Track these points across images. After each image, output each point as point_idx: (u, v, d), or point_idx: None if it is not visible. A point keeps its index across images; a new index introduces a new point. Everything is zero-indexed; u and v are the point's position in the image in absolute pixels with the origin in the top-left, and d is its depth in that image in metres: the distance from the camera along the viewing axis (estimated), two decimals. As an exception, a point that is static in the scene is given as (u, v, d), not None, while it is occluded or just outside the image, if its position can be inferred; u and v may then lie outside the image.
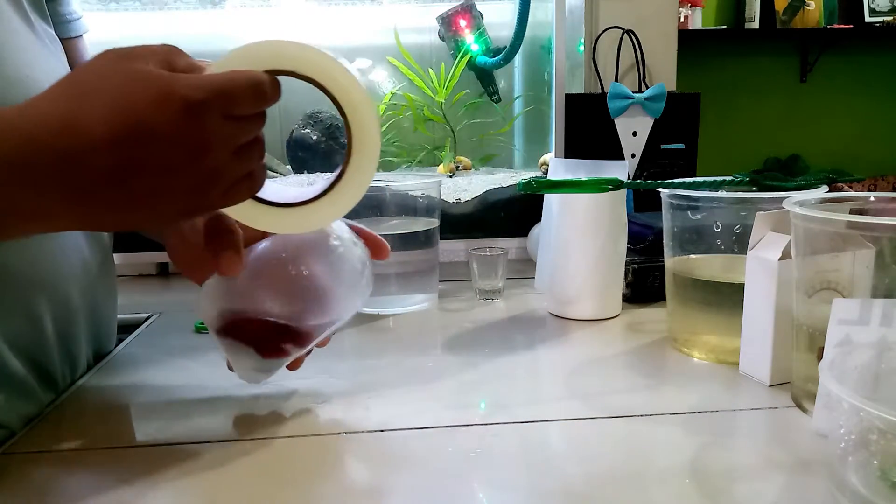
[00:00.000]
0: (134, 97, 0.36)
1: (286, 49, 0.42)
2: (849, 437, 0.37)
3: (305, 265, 0.49)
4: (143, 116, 0.35)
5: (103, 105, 0.35)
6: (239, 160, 0.40)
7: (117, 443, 0.48)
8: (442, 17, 1.22)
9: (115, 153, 0.35)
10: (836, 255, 0.48)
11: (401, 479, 0.43)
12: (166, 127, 0.36)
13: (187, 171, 0.37)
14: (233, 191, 0.40)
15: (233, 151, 0.39)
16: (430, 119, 1.23)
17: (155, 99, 0.36)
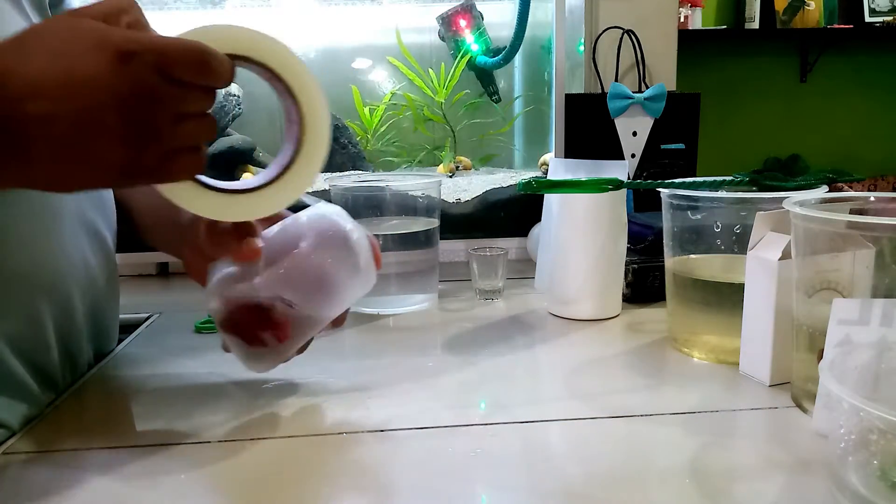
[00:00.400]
0: (70, 45, 0.36)
1: (241, 34, 0.42)
2: (849, 437, 0.37)
3: (322, 254, 0.49)
4: (76, 63, 0.36)
5: (40, 54, 0.36)
6: (181, 129, 0.39)
7: (117, 443, 0.48)
8: (442, 17, 1.22)
9: (47, 99, 0.35)
10: (836, 255, 0.48)
11: (401, 479, 0.43)
12: (97, 73, 0.36)
13: (118, 120, 0.36)
14: (173, 160, 0.40)
15: (173, 116, 0.39)
16: (430, 119, 1.23)
17: (90, 47, 0.36)
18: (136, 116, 0.37)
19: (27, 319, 0.52)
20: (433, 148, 1.28)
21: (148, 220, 0.66)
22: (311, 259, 0.49)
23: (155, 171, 0.40)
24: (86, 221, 0.58)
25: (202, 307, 0.48)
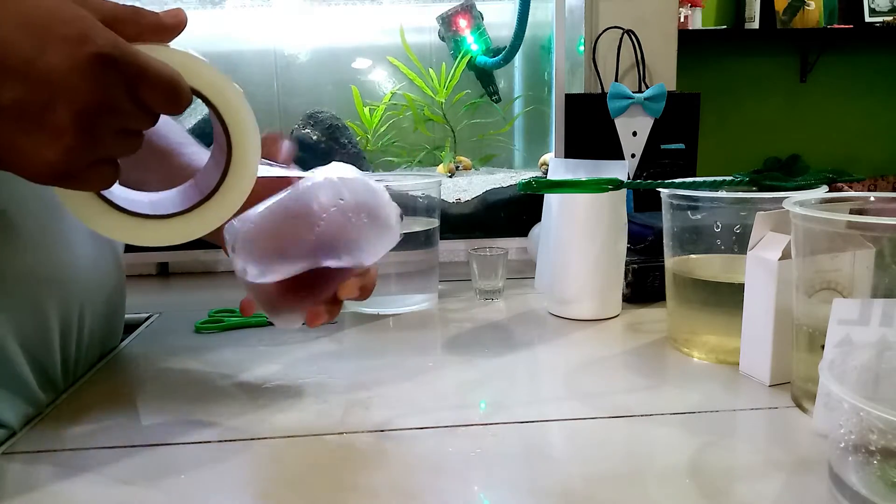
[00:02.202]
0: (49, 26, 0.34)
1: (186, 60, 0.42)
2: (849, 437, 0.37)
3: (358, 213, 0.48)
4: (50, 47, 0.34)
5: (14, 23, 0.34)
6: (116, 143, 0.38)
7: (117, 443, 0.48)
8: (442, 17, 1.22)
9: (3, 71, 0.34)
10: (836, 255, 0.48)
11: (401, 478, 0.43)
12: (67, 66, 0.34)
13: (67, 119, 0.35)
14: (96, 170, 0.38)
15: (118, 129, 0.37)
16: (431, 119, 1.23)
17: (70, 37, 0.34)
18: (87, 122, 0.35)
19: (34, 319, 0.52)
20: (433, 148, 1.28)
21: None
22: (349, 219, 0.48)
23: (75, 177, 0.38)
24: None
25: (202, 307, 0.48)
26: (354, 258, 0.49)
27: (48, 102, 0.34)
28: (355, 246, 0.48)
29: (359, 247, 0.48)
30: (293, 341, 0.69)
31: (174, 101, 0.38)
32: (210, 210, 0.45)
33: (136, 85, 0.36)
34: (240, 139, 0.44)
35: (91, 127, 0.36)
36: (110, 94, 0.35)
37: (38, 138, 0.35)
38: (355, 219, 0.47)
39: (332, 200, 0.47)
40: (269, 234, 0.46)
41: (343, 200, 0.47)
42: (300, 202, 0.47)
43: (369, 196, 0.49)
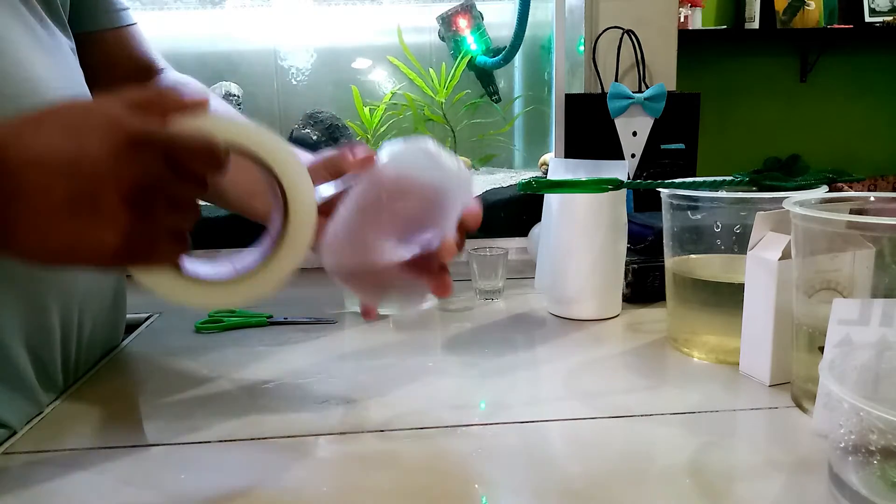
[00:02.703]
0: (83, 123, 0.37)
1: (233, 128, 0.43)
2: (849, 437, 0.37)
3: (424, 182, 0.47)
4: (86, 141, 0.36)
5: (52, 128, 0.37)
6: (172, 214, 0.40)
7: (117, 443, 0.48)
8: (442, 17, 1.22)
9: (48, 171, 0.36)
10: (836, 255, 0.48)
11: (401, 479, 0.43)
12: (104, 154, 0.36)
13: (116, 204, 0.37)
14: (160, 244, 0.40)
15: (168, 203, 0.39)
16: (431, 119, 1.23)
17: (102, 128, 0.37)
18: (136, 200, 0.37)
19: (35, 318, 0.52)
20: (433, 148, 1.28)
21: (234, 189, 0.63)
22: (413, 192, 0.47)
23: (141, 254, 0.40)
24: None
25: (202, 307, 0.48)
26: (439, 222, 0.47)
27: (97, 191, 0.36)
28: (432, 211, 0.47)
29: (437, 211, 0.47)
30: (293, 341, 0.69)
31: (212, 162, 0.40)
32: (273, 266, 0.46)
33: (173, 155, 0.38)
34: (291, 190, 0.45)
35: (141, 205, 0.38)
36: (151, 169, 0.38)
37: (96, 226, 0.37)
38: (414, 186, 0.47)
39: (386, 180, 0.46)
40: (349, 240, 0.46)
41: (394, 175, 0.46)
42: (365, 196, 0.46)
43: (421, 160, 0.47)
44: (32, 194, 0.36)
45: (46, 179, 0.36)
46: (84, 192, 0.36)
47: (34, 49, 0.53)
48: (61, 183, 0.36)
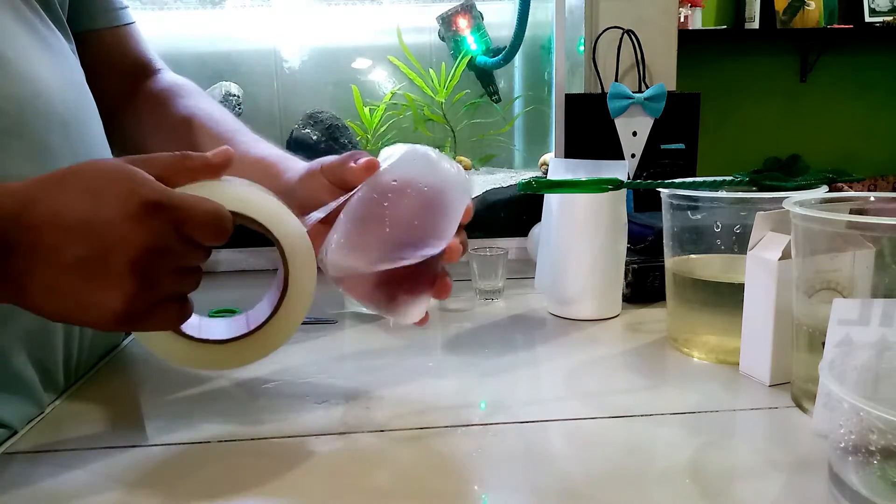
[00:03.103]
0: (101, 187, 0.38)
1: (239, 193, 0.45)
2: (849, 437, 0.37)
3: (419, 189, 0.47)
4: (102, 204, 0.38)
5: (71, 189, 0.38)
6: (176, 281, 0.41)
7: (117, 443, 0.48)
8: (442, 17, 1.22)
9: (63, 231, 0.37)
10: (836, 255, 0.48)
11: (401, 479, 0.43)
12: (118, 219, 0.37)
13: (125, 267, 0.38)
14: (162, 309, 0.41)
15: (174, 268, 0.40)
16: (431, 119, 1.23)
17: (120, 193, 0.38)
18: (143, 266, 0.38)
19: (36, 318, 0.52)
20: (433, 148, 1.28)
21: None
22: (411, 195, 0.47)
23: (141, 320, 0.41)
24: None
25: (202, 307, 0.48)
26: (441, 227, 0.47)
27: (106, 254, 0.38)
28: (434, 216, 0.47)
29: (438, 216, 0.47)
30: (293, 341, 0.68)
31: (218, 233, 0.41)
32: (272, 331, 0.49)
33: (182, 224, 0.40)
34: (292, 257, 0.47)
35: (147, 271, 0.39)
36: (160, 237, 0.39)
37: (101, 289, 0.38)
38: (415, 192, 0.46)
39: (388, 187, 0.46)
40: (350, 247, 0.46)
41: (396, 182, 0.46)
42: (365, 206, 0.47)
43: (422, 166, 0.48)
44: (46, 251, 0.37)
45: (60, 238, 0.37)
46: (95, 255, 0.37)
47: (35, 50, 0.53)
48: (74, 244, 0.37)
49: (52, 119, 0.52)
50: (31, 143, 0.50)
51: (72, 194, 0.38)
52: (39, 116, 0.51)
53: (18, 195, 0.38)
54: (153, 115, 0.66)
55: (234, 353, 0.48)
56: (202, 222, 0.41)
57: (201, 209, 0.41)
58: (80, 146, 0.55)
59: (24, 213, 0.37)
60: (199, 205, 0.41)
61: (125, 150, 0.70)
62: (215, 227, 0.41)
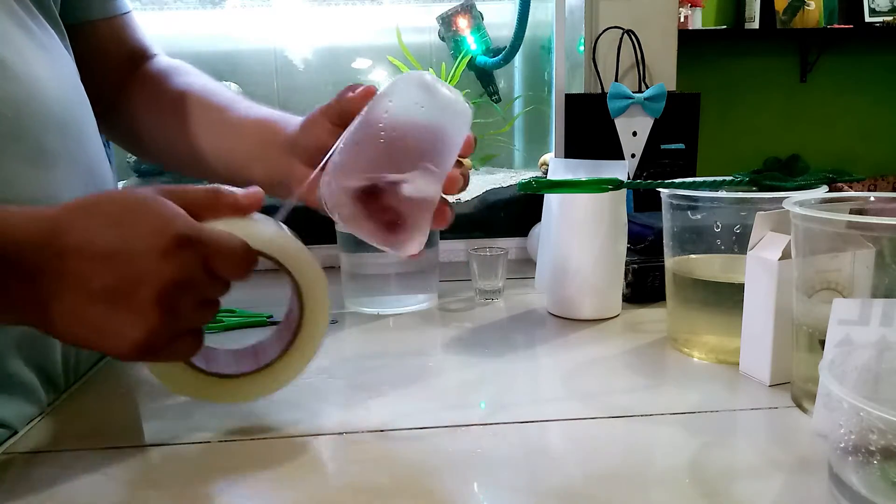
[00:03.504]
0: (132, 218, 0.39)
1: (265, 233, 0.45)
2: (849, 437, 0.37)
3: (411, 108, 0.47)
4: (131, 236, 0.38)
5: (102, 219, 0.39)
6: (196, 313, 0.42)
7: (117, 443, 0.48)
8: (442, 17, 1.22)
9: (91, 260, 0.38)
10: (836, 255, 0.48)
11: (401, 479, 0.43)
12: (147, 252, 0.38)
13: (149, 300, 0.38)
14: (178, 341, 0.41)
15: (196, 302, 0.41)
16: (431, 119, 1.23)
17: (150, 226, 0.38)
18: (168, 299, 0.39)
19: None
20: (433, 148, 1.27)
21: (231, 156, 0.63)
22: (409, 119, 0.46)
23: (160, 350, 0.41)
24: None
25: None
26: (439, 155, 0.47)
27: (133, 286, 0.38)
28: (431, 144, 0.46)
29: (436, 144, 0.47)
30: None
31: (243, 269, 0.42)
32: (284, 366, 0.50)
33: (210, 259, 0.40)
34: (309, 300, 0.48)
35: (172, 304, 0.39)
36: (187, 271, 0.39)
37: (125, 319, 0.38)
38: (412, 114, 0.46)
39: (383, 109, 0.46)
40: (346, 175, 0.45)
41: (391, 103, 0.46)
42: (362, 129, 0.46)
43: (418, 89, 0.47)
44: (73, 279, 0.38)
45: (88, 267, 0.38)
46: (122, 286, 0.38)
47: (30, 49, 0.52)
48: (102, 273, 0.38)
49: (49, 120, 0.52)
50: (28, 146, 0.49)
51: (102, 224, 0.38)
52: (37, 118, 0.50)
53: (48, 221, 0.38)
54: (149, 96, 0.66)
55: (242, 388, 0.50)
56: (229, 258, 0.41)
57: (229, 245, 0.41)
58: (77, 147, 0.55)
59: (54, 240, 0.38)
60: (227, 241, 0.41)
61: (122, 134, 0.70)
62: (241, 263, 0.42)
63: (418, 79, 0.47)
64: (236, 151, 0.61)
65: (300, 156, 0.56)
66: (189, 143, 0.63)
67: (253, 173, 0.60)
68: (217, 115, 0.62)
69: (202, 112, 0.63)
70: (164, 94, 0.65)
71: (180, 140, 0.63)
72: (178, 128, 0.63)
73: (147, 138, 0.67)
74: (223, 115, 0.62)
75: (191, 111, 0.63)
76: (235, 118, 0.61)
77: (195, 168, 0.65)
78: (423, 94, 0.47)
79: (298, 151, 0.56)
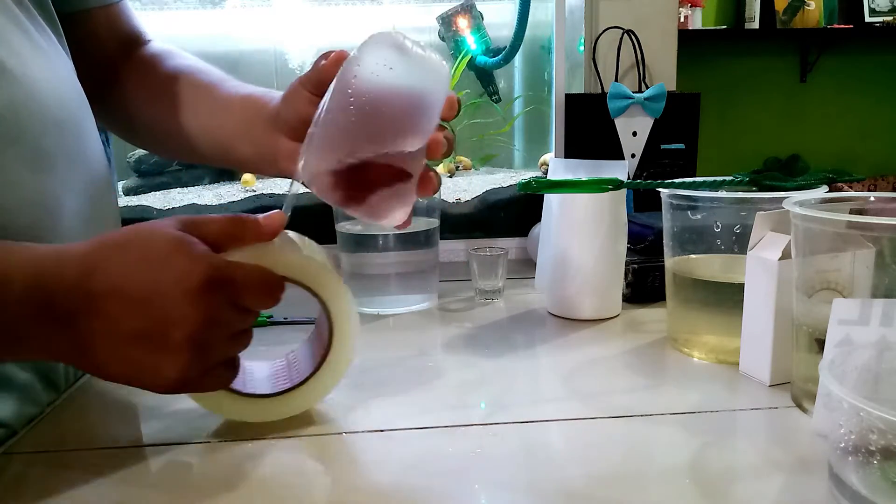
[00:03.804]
0: (162, 259, 0.39)
1: (289, 258, 0.46)
2: (849, 437, 0.37)
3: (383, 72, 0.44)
4: (162, 277, 0.39)
5: (133, 259, 0.39)
6: (228, 346, 0.43)
7: (117, 443, 0.48)
8: (442, 17, 1.22)
9: (124, 301, 0.38)
10: (836, 255, 0.48)
11: (401, 479, 0.43)
12: (177, 293, 0.39)
13: (182, 338, 0.39)
14: (213, 374, 0.43)
15: (228, 336, 0.42)
16: (430, 119, 1.23)
17: (179, 268, 0.39)
18: (199, 339, 0.40)
19: None
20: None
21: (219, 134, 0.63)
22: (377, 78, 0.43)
23: (196, 383, 0.42)
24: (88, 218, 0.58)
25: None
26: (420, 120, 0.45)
27: (165, 329, 0.39)
28: (411, 109, 0.45)
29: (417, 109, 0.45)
30: (293, 341, 0.69)
31: (272, 299, 0.43)
32: (317, 383, 0.51)
33: (238, 297, 0.41)
34: (337, 319, 0.49)
35: (203, 342, 0.40)
36: (216, 311, 0.40)
37: (158, 359, 0.39)
38: (382, 79, 0.43)
39: (351, 75, 0.43)
40: (323, 143, 0.43)
41: (359, 67, 0.43)
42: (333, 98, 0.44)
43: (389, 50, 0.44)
44: (106, 321, 0.39)
45: (121, 310, 0.38)
46: (153, 328, 0.39)
47: (28, 49, 0.52)
48: (134, 316, 0.39)
49: (47, 121, 0.51)
50: (27, 148, 0.49)
51: (131, 264, 0.39)
52: (35, 120, 0.50)
53: (77, 261, 0.39)
54: (142, 80, 0.66)
55: (278, 407, 0.50)
56: (257, 292, 0.42)
57: (257, 280, 0.42)
58: (76, 148, 0.55)
59: (86, 281, 0.39)
60: (254, 275, 0.42)
61: (116, 121, 0.69)
62: (269, 295, 0.43)
63: (386, 39, 0.45)
64: (224, 129, 0.61)
65: (283, 129, 0.55)
66: (179, 125, 0.63)
67: (240, 151, 0.60)
68: (205, 94, 0.62)
69: (191, 92, 0.63)
70: (156, 77, 0.65)
71: (171, 122, 0.63)
72: (169, 109, 0.63)
73: (140, 123, 0.67)
74: (211, 93, 0.62)
75: (181, 92, 0.63)
76: (223, 96, 0.61)
77: (187, 151, 0.65)
78: (392, 55, 0.44)
79: (281, 125, 0.55)
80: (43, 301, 0.38)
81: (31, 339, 0.39)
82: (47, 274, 0.39)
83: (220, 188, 1.16)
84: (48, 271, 0.39)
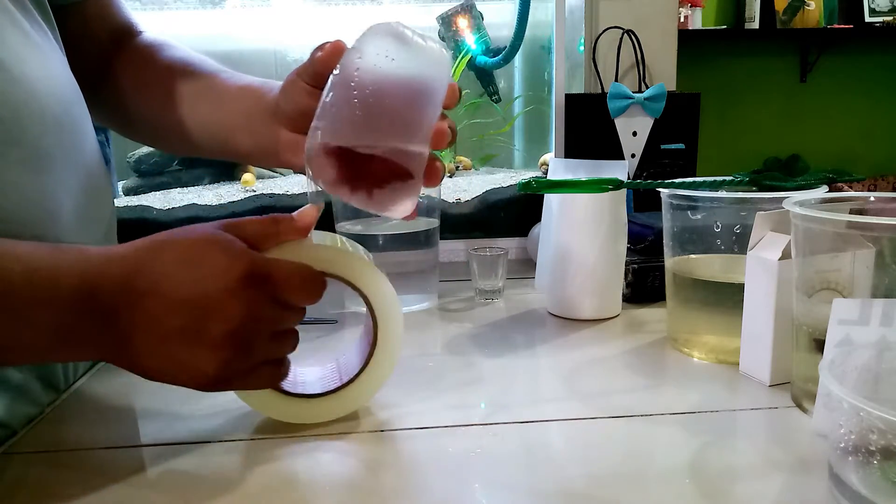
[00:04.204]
0: (201, 257, 0.40)
1: (328, 254, 0.46)
2: (849, 437, 0.37)
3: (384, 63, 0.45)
4: (202, 275, 0.39)
5: (172, 259, 0.40)
6: (272, 345, 0.43)
7: (117, 443, 0.48)
8: (442, 17, 1.22)
9: (165, 300, 0.39)
10: (836, 255, 0.48)
11: (401, 479, 0.43)
12: (217, 291, 0.39)
13: (223, 335, 0.40)
14: (258, 373, 0.43)
15: (271, 334, 0.42)
16: (430, 119, 1.23)
17: (219, 265, 0.40)
18: (240, 336, 0.40)
19: None
20: (433, 148, 1.28)
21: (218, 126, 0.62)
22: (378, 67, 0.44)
23: (240, 381, 0.43)
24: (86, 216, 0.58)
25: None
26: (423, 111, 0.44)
27: (205, 326, 0.39)
28: (413, 100, 0.44)
29: (419, 98, 0.44)
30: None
31: (312, 296, 0.43)
32: (366, 380, 0.51)
33: (279, 292, 0.42)
34: (380, 312, 0.50)
35: (243, 339, 0.40)
36: (256, 307, 0.41)
37: (199, 355, 0.40)
38: (383, 68, 0.43)
39: (353, 66, 0.43)
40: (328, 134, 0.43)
41: (360, 59, 0.44)
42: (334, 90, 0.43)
43: (389, 40, 0.45)
44: (147, 320, 0.39)
45: (162, 310, 0.39)
46: (194, 325, 0.39)
47: (26, 48, 0.51)
48: (175, 316, 0.39)
49: (46, 121, 0.51)
50: (26, 149, 0.49)
51: (173, 264, 0.40)
52: (35, 120, 0.50)
53: (121, 262, 0.40)
54: (136, 72, 0.66)
55: (328, 407, 0.50)
56: (297, 288, 0.42)
57: (296, 275, 0.42)
58: (74, 148, 0.55)
59: (129, 280, 0.39)
60: (293, 271, 0.42)
61: (111, 114, 0.69)
62: (309, 290, 0.43)
63: (386, 29, 0.45)
64: (222, 121, 0.61)
65: (283, 121, 0.55)
66: (176, 117, 0.63)
67: (239, 142, 0.60)
68: (202, 85, 0.62)
69: (187, 83, 0.62)
70: (151, 69, 0.65)
71: (167, 114, 0.63)
72: (165, 101, 0.63)
73: (135, 116, 0.67)
74: (208, 85, 0.62)
75: (176, 83, 0.63)
76: (220, 87, 0.61)
77: (184, 144, 0.64)
78: (393, 46, 0.45)
79: (280, 117, 0.55)
80: (89, 300, 0.39)
81: (77, 337, 0.40)
82: (94, 272, 0.39)
83: (220, 188, 1.16)
84: (95, 270, 0.40)
